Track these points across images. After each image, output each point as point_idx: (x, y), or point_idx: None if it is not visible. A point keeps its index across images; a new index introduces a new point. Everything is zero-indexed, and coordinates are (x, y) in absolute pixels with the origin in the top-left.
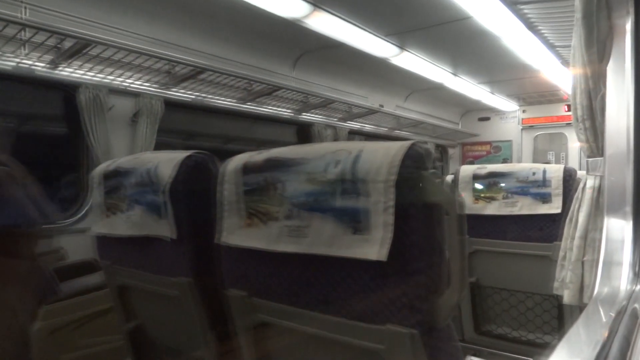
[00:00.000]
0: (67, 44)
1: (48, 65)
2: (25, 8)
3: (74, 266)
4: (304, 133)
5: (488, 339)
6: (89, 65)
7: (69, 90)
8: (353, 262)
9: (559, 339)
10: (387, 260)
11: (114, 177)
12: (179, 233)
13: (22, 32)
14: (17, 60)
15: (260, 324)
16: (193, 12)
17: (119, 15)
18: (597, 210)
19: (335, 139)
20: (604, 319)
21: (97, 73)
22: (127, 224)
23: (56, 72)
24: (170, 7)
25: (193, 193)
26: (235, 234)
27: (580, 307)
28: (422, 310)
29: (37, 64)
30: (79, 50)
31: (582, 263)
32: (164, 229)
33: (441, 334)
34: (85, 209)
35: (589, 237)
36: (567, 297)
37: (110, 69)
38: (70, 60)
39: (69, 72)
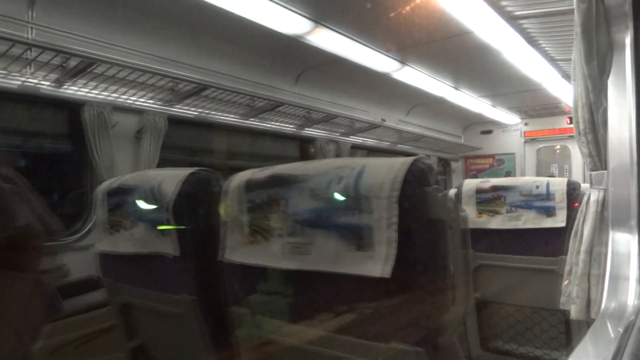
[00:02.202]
0: (72, 62)
1: (53, 84)
2: (32, 28)
3: (77, 283)
4: (307, 148)
5: (495, 356)
6: (93, 83)
7: (73, 108)
8: (357, 279)
9: (567, 355)
10: (391, 277)
11: (118, 194)
12: (182, 250)
13: (28, 52)
14: (23, 79)
15: (263, 342)
16: (196, 29)
17: (123, 34)
18: (602, 224)
19: (338, 154)
20: (612, 335)
21: (102, 91)
22: (130, 241)
23: (61, 90)
24: (173, 25)
25: (196, 210)
26: (239, 251)
27: (587, 323)
28: (427, 328)
29: (42, 82)
30: (83, 68)
31: (589, 277)
32: (167, 246)
33: (446, 351)
34: (89, 226)
35: (594, 251)
36: (574, 312)
37: (114, 87)
38: (75, 79)
39: (74, 90)
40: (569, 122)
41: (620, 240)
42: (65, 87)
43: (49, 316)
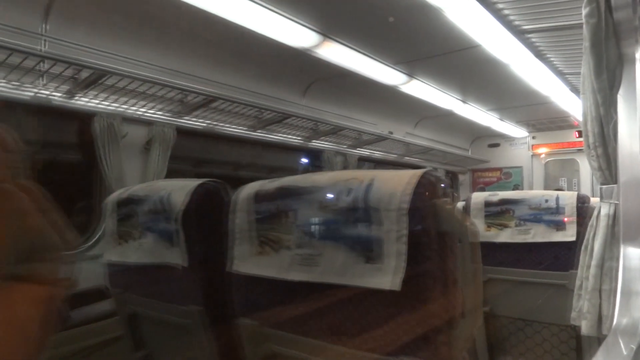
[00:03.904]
0: (84, 74)
1: (65, 95)
2: (45, 41)
3: (85, 293)
4: (314, 160)
5: None
6: (104, 94)
7: (84, 119)
8: (366, 291)
9: None
10: (401, 290)
11: (127, 204)
12: (191, 261)
13: (41, 64)
14: (35, 90)
15: (271, 354)
16: (205, 42)
17: (134, 47)
18: (613, 239)
19: (345, 166)
20: (624, 352)
21: (112, 102)
22: (139, 251)
23: (72, 101)
24: (183, 38)
25: (205, 221)
26: (247, 262)
27: (599, 339)
28: (436, 342)
29: (54, 94)
30: (95, 80)
31: (600, 293)
32: (176, 256)
33: None
34: (97, 235)
35: (605, 266)
36: (585, 328)
37: (124, 98)
38: (86, 90)
39: (85, 101)
40: (577, 135)
41: (631, 254)
42: (76, 98)
43: (56, 326)
